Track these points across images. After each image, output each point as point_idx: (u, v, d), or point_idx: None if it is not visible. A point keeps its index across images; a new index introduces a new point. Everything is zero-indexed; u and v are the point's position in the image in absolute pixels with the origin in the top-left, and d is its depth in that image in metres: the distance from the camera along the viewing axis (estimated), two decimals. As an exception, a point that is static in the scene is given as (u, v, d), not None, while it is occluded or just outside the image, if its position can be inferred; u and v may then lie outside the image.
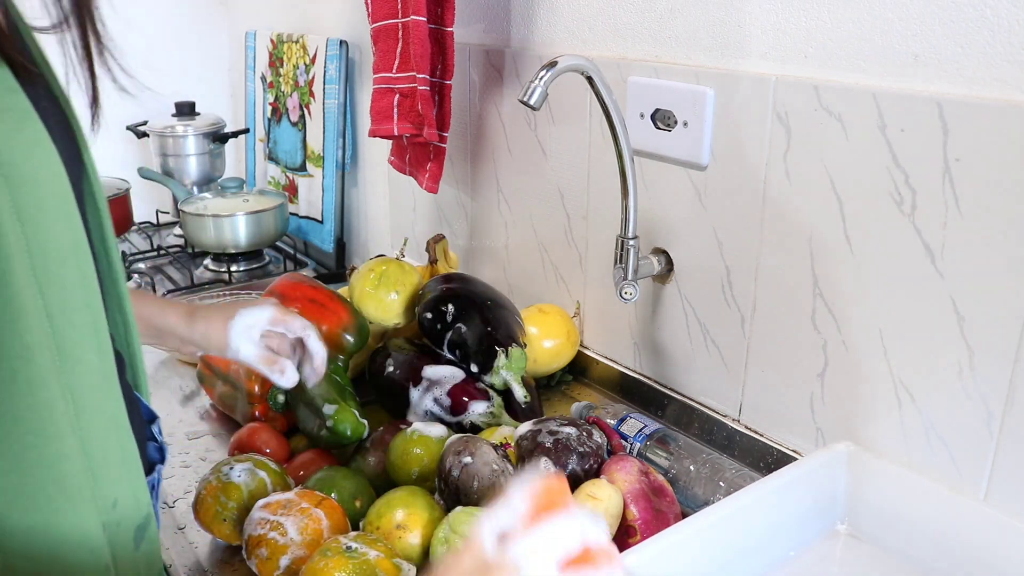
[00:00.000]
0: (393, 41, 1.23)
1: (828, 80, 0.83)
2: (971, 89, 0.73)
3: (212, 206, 1.70)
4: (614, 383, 1.17)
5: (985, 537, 0.75)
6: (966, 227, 0.74)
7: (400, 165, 1.36)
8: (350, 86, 1.70)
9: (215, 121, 1.97)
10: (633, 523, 0.80)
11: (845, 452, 0.84)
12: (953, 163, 0.74)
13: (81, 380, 0.52)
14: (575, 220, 1.17)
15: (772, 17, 0.87)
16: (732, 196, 0.94)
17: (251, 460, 0.89)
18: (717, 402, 1.02)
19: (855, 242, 0.83)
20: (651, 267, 1.03)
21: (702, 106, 0.94)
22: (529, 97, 0.85)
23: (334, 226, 1.76)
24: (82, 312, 0.52)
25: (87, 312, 0.52)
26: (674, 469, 0.92)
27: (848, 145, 0.81)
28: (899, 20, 0.77)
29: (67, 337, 0.51)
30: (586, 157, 1.12)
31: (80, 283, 0.52)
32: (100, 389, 0.54)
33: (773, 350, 0.94)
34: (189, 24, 2.11)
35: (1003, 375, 0.74)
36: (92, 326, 0.53)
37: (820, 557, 0.82)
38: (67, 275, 0.50)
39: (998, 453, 0.76)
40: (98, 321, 0.54)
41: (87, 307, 0.52)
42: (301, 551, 0.77)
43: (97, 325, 0.53)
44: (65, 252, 0.50)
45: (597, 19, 1.08)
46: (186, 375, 1.26)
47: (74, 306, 0.51)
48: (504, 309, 1.08)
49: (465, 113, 1.34)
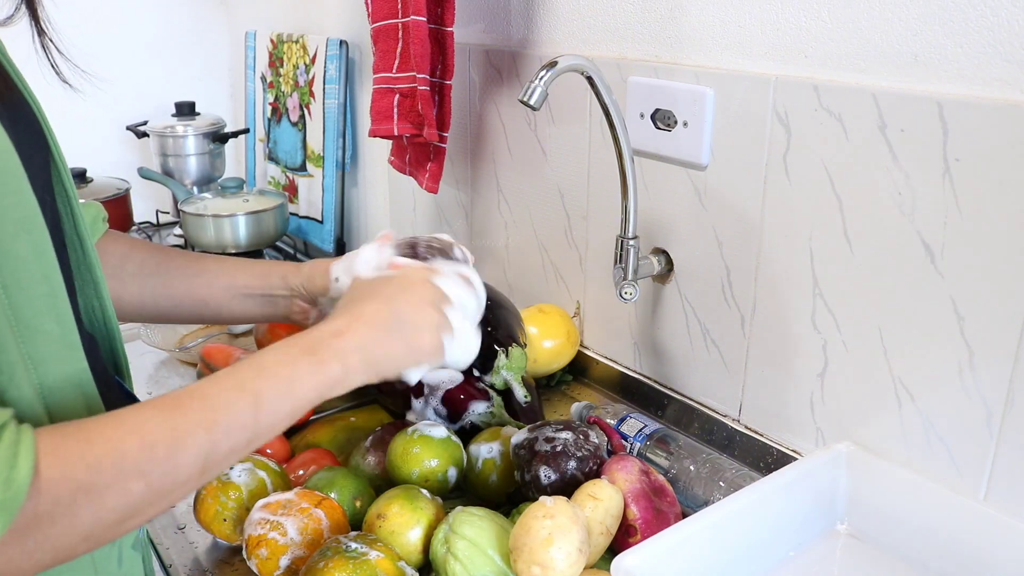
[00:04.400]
0: (393, 41, 1.23)
1: (828, 80, 0.83)
2: (971, 89, 0.73)
3: (212, 206, 1.70)
4: (614, 383, 1.17)
5: (985, 537, 0.75)
6: (966, 227, 0.74)
7: (400, 165, 1.36)
8: (350, 86, 1.70)
9: (215, 121, 1.97)
10: (633, 523, 0.80)
11: (845, 452, 0.84)
12: (953, 163, 0.74)
13: (41, 348, 0.54)
14: (575, 220, 1.17)
15: (772, 17, 0.87)
16: (732, 196, 0.94)
17: (251, 460, 0.89)
18: (717, 402, 1.02)
19: (855, 242, 0.83)
20: (651, 267, 1.03)
21: (702, 106, 0.94)
22: (529, 97, 0.85)
23: (334, 226, 1.76)
24: (39, 284, 0.54)
25: (44, 283, 0.54)
26: (674, 469, 0.92)
27: (848, 145, 0.81)
28: (899, 20, 0.77)
29: (23, 306, 0.53)
30: (586, 157, 1.12)
31: (34, 256, 0.54)
32: (63, 358, 0.56)
33: (773, 350, 0.94)
34: (189, 24, 2.11)
35: (1003, 375, 0.74)
36: (50, 297, 0.55)
37: (820, 557, 0.82)
38: (19, 248, 0.52)
39: (998, 453, 0.76)
40: (57, 293, 0.56)
41: (44, 279, 0.54)
42: (301, 551, 0.77)
43: (56, 297, 0.55)
44: (16, 225, 0.52)
45: (597, 19, 1.08)
46: (186, 375, 1.26)
47: (30, 278, 0.53)
48: (504, 309, 1.08)
49: (465, 113, 1.34)
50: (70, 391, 0.56)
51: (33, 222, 0.53)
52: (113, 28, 1.97)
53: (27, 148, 0.55)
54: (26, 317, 0.53)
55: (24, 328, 0.53)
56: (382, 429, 0.98)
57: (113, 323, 0.68)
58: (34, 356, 0.54)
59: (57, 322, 0.55)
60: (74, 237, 0.63)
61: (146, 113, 2.02)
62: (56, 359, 0.55)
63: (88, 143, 1.97)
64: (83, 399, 0.57)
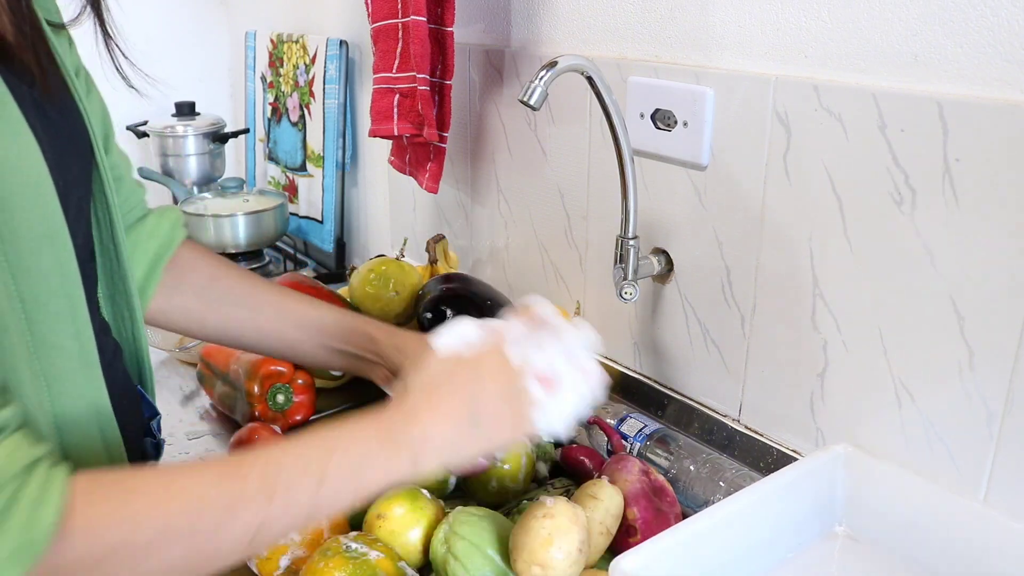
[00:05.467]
0: (393, 41, 1.23)
1: (828, 80, 0.83)
2: (971, 89, 0.73)
3: (212, 206, 1.70)
4: (614, 383, 1.17)
5: (985, 538, 0.75)
6: (966, 227, 0.74)
7: (400, 165, 1.36)
8: (350, 86, 1.70)
9: (215, 121, 1.97)
10: (634, 523, 0.80)
11: (843, 454, 0.84)
12: (953, 163, 0.74)
13: (56, 365, 0.53)
14: (575, 220, 1.17)
15: (772, 17, 0.87)
16: (732, 196, 0.94)
17: (251, 460, 0.89)
18: (717, 402, 1.02)
19: (855, 242, 0.83)
20: (651, 267, 1.03)
21: (702, 106, 0.94)
22: (529, 97, 0.85)
23: (334, 226, 1.76)
24: (59, 299, 0.53)
25: (65, 300, 0.53)
26: (674, 469, 0.92)
27: (848, 145, 0.81)
28: (899, 20, 0.77)
29: (40, 322, 0.51)
30: (586, 157, 1.12)
31: (57, 271, 0.52)
32: (78, 375, 0.55)
33: (773, 350, 0.94)
34: (189, 24, 2.11)
35: (1003, 375, 0.74)
36: (70, 314, 0.53)
37: (818, 558, 0.82)
38: (42, 263, 0.51)
39: (998, 453, 0.76)
40: (78, 309, 0.54)
41: (65, 296, 0.53)
42: (301, 551, 0.77)
43: (76, 313, 0.54)
44: (39, 241, 0.51)
45: (597, 19, 1.08)
46: (186, 375, 1.26)
47: (50, 293, 0.52)
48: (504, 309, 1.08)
49: (465, 113, 1.34)
50: (83, 409, 0.55)
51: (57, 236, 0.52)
52: (113, 28, 1.96)
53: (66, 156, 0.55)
54: (43, 332, 0.52)
55: (40, 344, 0.51)
56: (382, 429, 0.98)
57: (141, 333, 0.67)
58: (48, 372, 0.52)
59: (75, 339, 0.54)
60: (109, 245, 0.62)
61: (146, 113, 2.02)
62: (71, 376, 0.54)
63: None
64: (96, 418, 0.56)
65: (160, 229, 0.76)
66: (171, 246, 0.76)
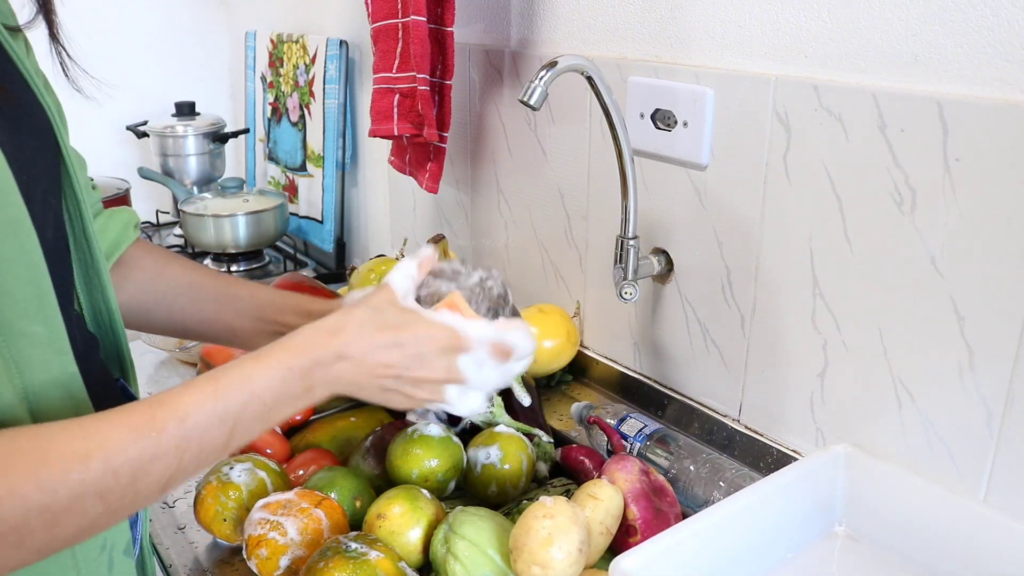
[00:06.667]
0: (393, 41, 1.23)
1: (828, 80, 0.83)
2: (971, 89, 0.73)
3: (212, 206, 1.70)
4: (614, 383, 1.17)
5: (984, 538, 0.75)
6: (966, 227, 0.74)
7: (400, 165, 1.36)
8: (350, 86, 1.70)
9: (215, 121, 1.97)
10: (634, 523, 0.80)
11: (843, 454, 0.84)
12: (953, 163, 0.74)
13: (26, 351, 0.53)
14: (575, 220, 1.17)
15: (772, 17, 0.87)
16: (732, 196, 0.94)
17: (251, 460, 0.89)
18: (717, 402, 1.02)
19: (855, 242, 0.83)
20: (651, 267, 1.03)
21: (702, 106, 0.94)
22: (529, 97, 0.85)
23: (334, 226, 1.76)
24: (25, 286, 0.53)
25: (31, 286, 0.54)
26: (674, 469, 0.92)
27: (848, 145, 0.81)
28: (899, 20, 0.77)
29: (7, 308, 0.52)
30: (586, 157, 1.12)
31: (21, 258, 0.53)
32: (50, 361, 0.55)
33: (773, 350, 0.94)
34: (189, 24, 2.11)
35: (1003, 375, 0.74)
36: (37, 300, 0.54)
37: (818, 558, 0.82)
38: (5, 250, 0.52)
39: (998, 453, 0.76)
40: (45, 296, 0.55)
41: (31, 283, 0.54)
42: (301, 551, 0.77)
43: (43, 300, 0.55)
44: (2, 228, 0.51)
45: (597, 19, 1.08)
46: (186, 375, 1.26)
47: (15, 281, 0.52)
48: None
49: (465, 113, 1.34)
50: (57, 395, 0.55)
51: (20, 225, 0.53)
52: (113, 28, 1.97)
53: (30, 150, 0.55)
54: (10, 319, 0.52)
55: (8, 330, 0.52)
56: (382, 429, 0.98)
57: (119, 325, 0.67)
58: (18, 359, 0.53)
59: (44, 324, 0.55)
60: (82, 240, 0.62)
61: (146, 113, 2.02)
62: (42, 362, 0.54)
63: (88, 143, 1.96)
64: (72, 403, 0.57)
65: (109, 230, 0.76)
66: (120, 246, 0.77)
